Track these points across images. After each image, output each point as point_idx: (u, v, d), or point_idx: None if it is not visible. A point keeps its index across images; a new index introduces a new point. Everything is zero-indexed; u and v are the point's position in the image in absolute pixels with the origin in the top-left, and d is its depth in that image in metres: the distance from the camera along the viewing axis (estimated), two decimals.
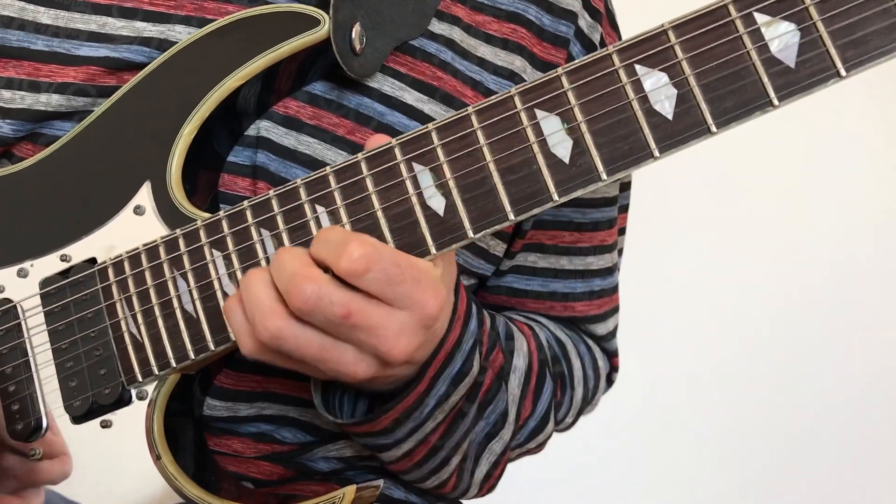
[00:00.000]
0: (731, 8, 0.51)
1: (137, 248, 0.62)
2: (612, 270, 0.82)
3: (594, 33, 0.74)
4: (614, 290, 0.84)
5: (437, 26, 0.70)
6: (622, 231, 0.84)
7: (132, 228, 0.63)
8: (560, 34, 0.72)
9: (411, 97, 0.69)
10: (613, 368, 0.86)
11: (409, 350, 0.54)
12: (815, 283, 1.54)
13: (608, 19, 0.77)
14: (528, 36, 0.72)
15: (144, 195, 0.63)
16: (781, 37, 0.50)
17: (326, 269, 0.53)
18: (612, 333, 0.85)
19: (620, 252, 0.85)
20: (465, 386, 0.63)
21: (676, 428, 1.55)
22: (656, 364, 1.48)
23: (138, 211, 0.63)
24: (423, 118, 0.68)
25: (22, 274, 0.66)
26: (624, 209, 0.83)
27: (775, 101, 0.51)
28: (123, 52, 0.67)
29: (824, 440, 1.56)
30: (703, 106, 0.51)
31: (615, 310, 0.84)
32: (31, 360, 0.64)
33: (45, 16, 0.69)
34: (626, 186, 0.82)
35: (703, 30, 0.52)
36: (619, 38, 0.79)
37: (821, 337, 1.54)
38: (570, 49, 0.72)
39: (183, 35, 0.67)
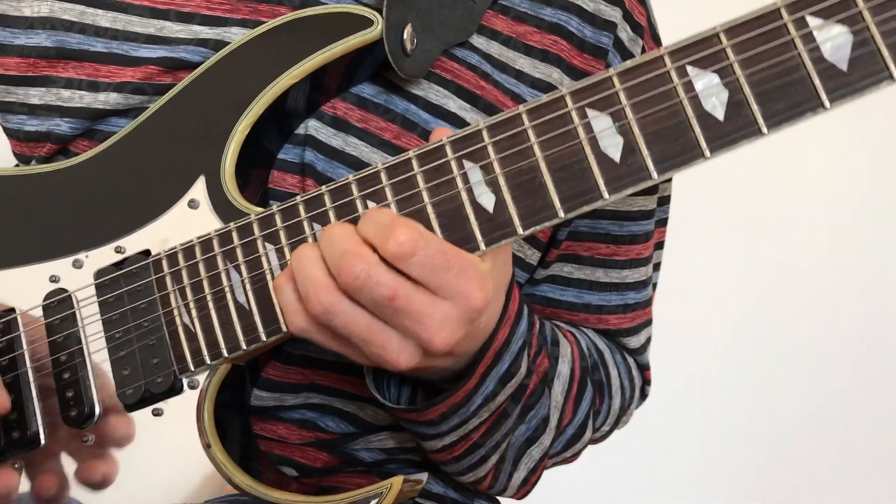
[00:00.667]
0: (784, 11, 0.52)
1: (191, 241, 0.63)
2: (646, 284, 0.82)
3: (635, 47, 0.75)
4: (648, 303, 0.84)
5: (476, 40, 0.71)
6: (660, 245, 0.84)
7: (186, 221, 0.65)
8: (601, 45, 0.73)
9: (455, 105, 0.70)
10: (646, 382, 0.86)
11: (451, 341, 0.54)
12: (828, 283, 1.53)
13: (651, 33, 0.78)
14: (567, 48, 0.72)
15: (199, 189, 0.65)
16: (834, 39, 0.51)
17: (373, 250, 0.54)
18: (645, 347, 0.85)
19: (657, 267, 0.85)
20: (511, 386, 0.63)
21: (685, 429, 1.54)
22: (672, 365, 1.48)
23: (192, 204, 0.65)
24: (465, 126, 0.69)
25: (77, 265, 0.67)
26: (662, 223, 0.83)
27: (827, 104, 0.51)
28: (181, 52, 0.69)
29: (842, 442, 1.55)
30: (755, 107, 0.52)
31: (648, 322, 0.84)
32: (85, 348, 0.66)
33: (104, 19, 0.71)
34: (664, 200, 0.82)
35: (755, 32, 0.52)
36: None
37: (825, 338, 1.54)
38: (609, 59, 0.73)
39: (239, 37, 0.69)
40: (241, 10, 0.70)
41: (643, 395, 0.87)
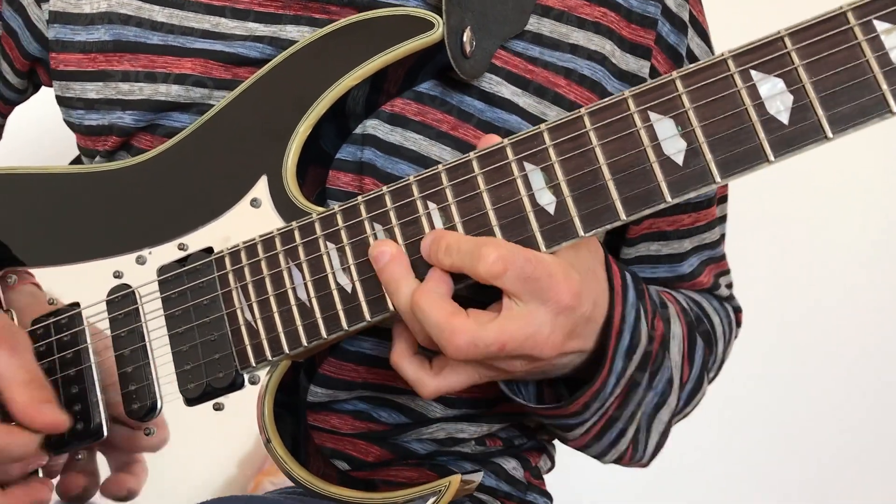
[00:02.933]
0: (850, 15, 0.52)
1: (254, 239, 0.65)
2: (720, 241, 0.85)
3: (682, 11, 0.75)
4: (722, 258, 0.86)
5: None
6: (723, 199, 0.85)
7: (248, 220, 0.66)
8: (648, 14, 0.73)
9: (508, 91, 0.70)
10: (738, 323, 0.88)
11: (558, 344, 0.57)
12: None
13: None
14: (616, 19, 0.72)
15: (261, 188, 0.66)
16: None
17: (462, 276, 0.57)
18: (731, 294, 0.88)
19: (723, 219, 0.86)
20: (637, 357, 0.65)
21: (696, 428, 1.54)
22: None
23: (255, 203, 0.66)
24: (519, 112, 0.70)
25: (140, 261, 0.69)
26: None
27: (895, 108, 0.51)
28: (238, 47, 0.70)
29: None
30: (820, 112, 0.52)
31: (722, 272, 0.86)
32: (148, 343, 0.67)
33: (160, 14, 0.73)
34: None
35: (821, 37, 0.52)
36: (704, 14, 0.80)
37: (827, 339, 1.53)
38: (659, 29, 0.73)
39: (294, 33, 0.70)
40: (292, 6, 0.71)
41: (735, 336, 0.89)
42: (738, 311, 0.88)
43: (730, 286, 0.88)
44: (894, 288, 1.52)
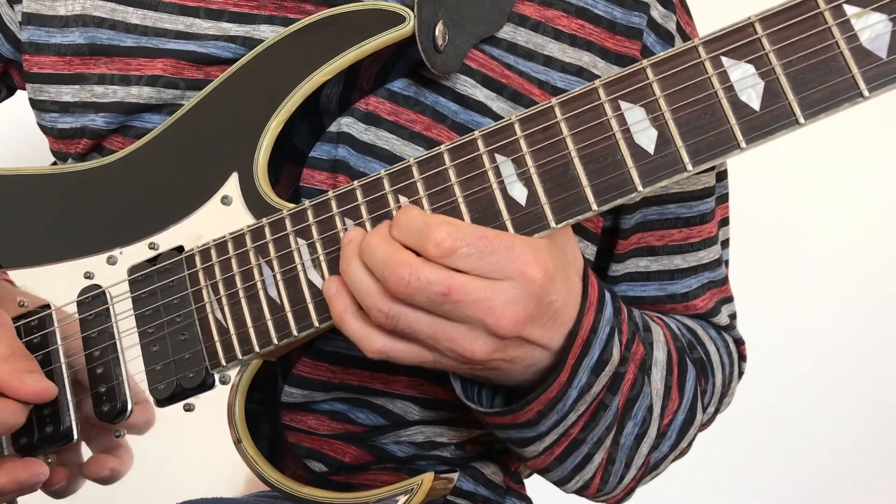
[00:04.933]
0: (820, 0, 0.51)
1: (224, 237, 0.64)
2: (719, 262, 0.80)
3: (668, 22, 0.74)
4: (724, 280, 0.81)
5: (503, 28, 0.71)
6: (724, 222, 0.82)
7: (219, 218, 0.65)
8: (633, 25, 0.72)
9: (482, 94, 0.70)
10: (741, 357, 0.83)
11: (519, 319, 0.54)
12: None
13: (681, 5, 0.77)
14: (596, 31, 0.72)
15: (232, 185, 0.65)
16: (872, 27, 0.50)
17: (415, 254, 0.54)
18: (732, 323, 0.83)
19: (726, 244, 0.83)
20: (605, 376, 0.62)
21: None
22: None
23: (225, 201, 0.65)
24: (493, 115, 0.69)
25: (111, 261, 0.68)
26: (723, 199, 0.81)
27: (865, 92, 0.50)
28: (210, 47, 0.70)
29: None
30: (791, 97, 0.51)
31: (727, 300, 0.82)
32: (119, 344, 0.66)
33: (135, 16, 0.72)
34: (722, 175, 0.80)
35: (791, 22, 0.52)
36: (694, 24, 0.79)
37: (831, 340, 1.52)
38: (644, 39, 0.73)
39: (267, 33, 0.70)
40: (267, 6, 0.70)
41: (741, 373, 0.84)
42: (739, 342, 0.83)
43: (732, 316, 0.83)
44: (890, 288, 1.52)
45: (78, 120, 0.73)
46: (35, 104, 0.76)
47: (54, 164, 0.88)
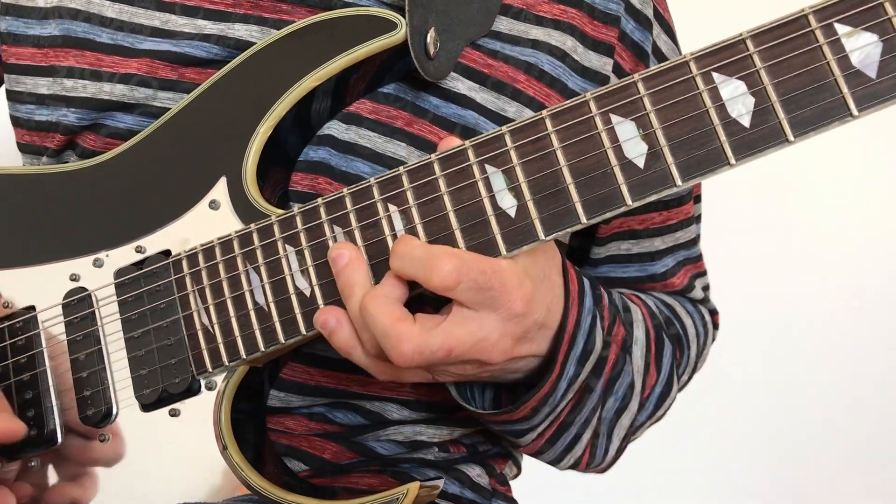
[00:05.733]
0: (811, 18, 0.52)
1: (212, 242, 0.63)
2: (696, 241, 0.84)
3: (646, 8, 0.75)
4: (698, 258, 0.85)
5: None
6: (698, 199, 0.85)
7: (207, 222, 0.65)
8: (610, 12, 0.73)
9: (464, 86, 0.70)
10: (715, 325, 0.87)
11: (508, 349, 0.57)
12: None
13: None
14: (578, 16, 0.72)
15: (220, 190, 0.65)
16: (863, 48, 0.50)
17: (415, 284, 0.56)
18: (706, 296, 0.87)
19: (699, 219, 0.86)
20: (590, 363, 0.64)
21: (694, 428, 1.54)
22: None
23: (213, 205, 0.65)
24: (476, 107, 0.70)
25: (97, 264, 0.67)
26: None
27: (855, 112, 0.51)
28: (185, 46, 0.70)
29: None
30: (782, 115, 0.52)
31: (699, 274, 0.85)
32: (104, 348, 0.66)
33: (110, 9, 0.71)
34: None
35: (782, 39, 0.52)
36: (669, 11, 0.80)
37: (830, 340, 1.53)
38: (623, 26, 0.73)
39: (242, 32, 0.69)
40: (242, 4, 0.70)
41: (713, 339, 0.88)
42: (713, 312, 0.87)
43: (706, 288, 0.87)
44: (885, 288, 1.53)
45: (53, 113, 0.72)
46: (11, 95, 0.75)
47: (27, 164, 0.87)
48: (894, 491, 1.53)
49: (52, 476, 0.66)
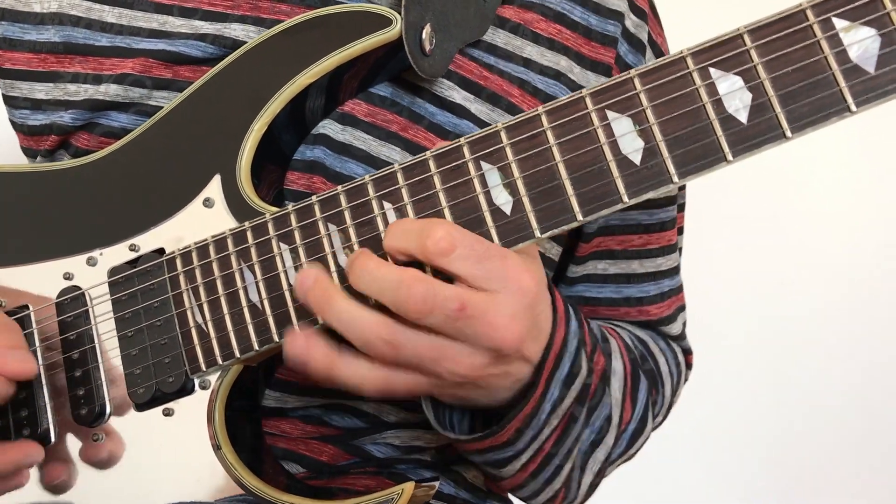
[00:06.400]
0: (809, 13, 0.51)
1: (206, 240, 0.63)
2: (677, 270, 0.83)
3: (641, 32, 0.75)
4: (680, 289, 0.84)
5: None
6: (680, 230, 0.84)
7: (201, 220, 0.64)
8: (608, 34, 0.73)
9: (459, 96, 0.70)
10: (688, 366, 0.85)
11: (523, 333, 0.53)
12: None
13: (653, 16, 0.78)
14: (573, 37, 0.73)
15: (214, 188, 0.64)
16: (861, 42, 0.50)
17: (410, 261, 0.54)
18: (684, 332, 0.85)
19: (680, 251, 0.85)
20: (575, 388, 0.61)
21: (694, 430, 1.53)
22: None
23: (207, 203, 0.64)
24: (471, 117, 0.69)
25: (91, 262, 0.67)
26: (681, 208, 0.83)
27: (853, 107, 0.50)
28: (180, 45, 0.69)
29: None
30: (779, 110, 0.51)
31: (682, 308, 0.84)
32: (98, 346, 0.65)
33: (110, 14, 0.72)
34: (682, 186, 0.81)
35: (780, 34, 0.51)
36: (664, 37, 0.80)
37: (830, 340, 1.53)
38: (619, 48, 0.73)
39: (239, 32, 0.69)
40: (241, 6, 0.70)
41: (685, 380, 0.86)
42: (687, 352, 0.85)
43: (684, 325, 0.85)
44: (885, 288, 1.52)
45: (49, 117, 0.72)
46: (7, 100, 0.75)
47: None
48: (893, 491, 1.53)
49: (45, 476, 0.66)
